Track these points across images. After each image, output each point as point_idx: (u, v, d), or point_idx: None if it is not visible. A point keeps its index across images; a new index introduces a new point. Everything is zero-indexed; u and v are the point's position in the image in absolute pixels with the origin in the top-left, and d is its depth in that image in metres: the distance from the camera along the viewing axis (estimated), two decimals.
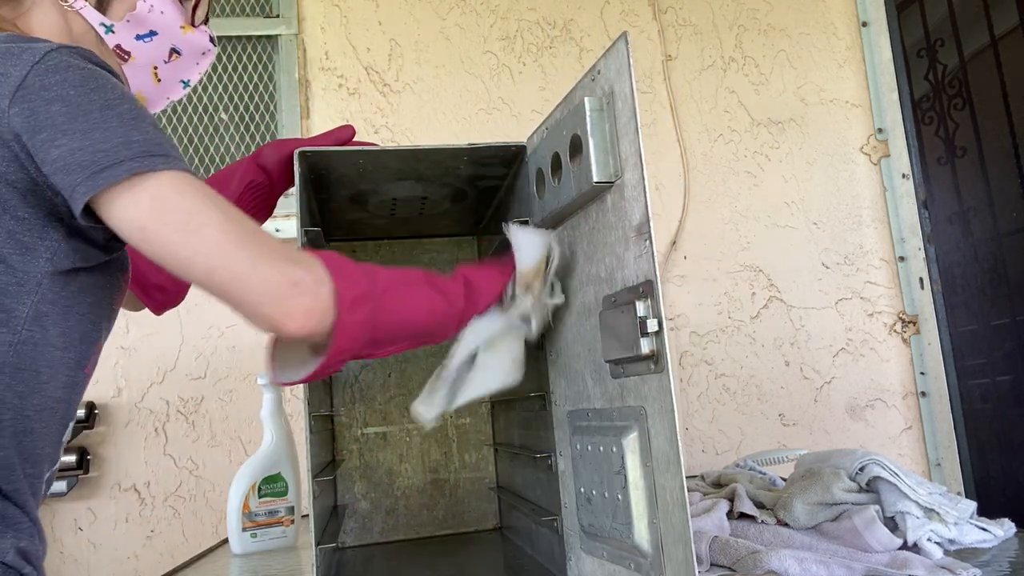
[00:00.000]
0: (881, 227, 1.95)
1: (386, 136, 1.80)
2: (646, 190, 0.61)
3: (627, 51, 0.63)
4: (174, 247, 0.55)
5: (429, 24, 1.86)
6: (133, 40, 0.73)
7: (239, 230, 0.56)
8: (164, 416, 1.62)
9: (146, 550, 1.58)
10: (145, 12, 0.72)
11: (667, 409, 0.59)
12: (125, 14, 0.72)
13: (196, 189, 0.57)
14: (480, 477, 1.20)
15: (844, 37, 2.02)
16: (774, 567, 0.73)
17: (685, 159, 1.90)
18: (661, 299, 0.60)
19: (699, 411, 1.82)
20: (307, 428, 0.77)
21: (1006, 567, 0.76)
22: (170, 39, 0.76)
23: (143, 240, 0.56)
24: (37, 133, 0.55)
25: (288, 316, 0.56)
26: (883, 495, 0.87)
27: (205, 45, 0.79)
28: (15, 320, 0.59)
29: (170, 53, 0.76)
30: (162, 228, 0.55)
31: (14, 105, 0.55)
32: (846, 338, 1.89)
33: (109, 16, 0.71)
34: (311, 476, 0.77)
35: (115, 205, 0.55)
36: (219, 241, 0.55)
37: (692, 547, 0.56)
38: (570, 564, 0.81)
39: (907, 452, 1.86)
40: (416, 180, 0.95)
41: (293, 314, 0.56)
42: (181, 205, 0.56)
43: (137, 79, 0.76)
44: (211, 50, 0.80)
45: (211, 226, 0.55)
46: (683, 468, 0.57)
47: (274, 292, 0.55)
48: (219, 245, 0.55)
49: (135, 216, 0.55)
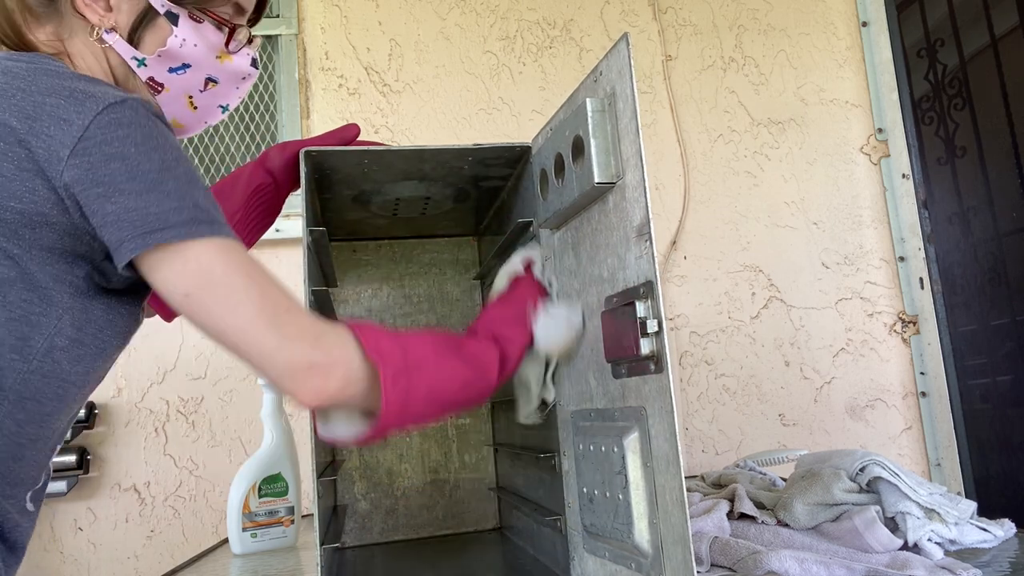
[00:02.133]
0: (881, 227, 1.95)
1: (386, 136, 1.80)
2: (647, 191, 0.61)
3: (628, 52, 0.63)
4: (212, 318, 0.59)
5: (429, 24, 1.86)
6: (166, 73, 0.72)
7: (272, 308, 0.60)
8: (164, 416, 1.62)
9: (146, 550, 1.58)
10: (177, 47, 0.71)
11: (667, 410, 0.59)
12: (156, 48, 0.70)
13: (238, 261, 0.60)
14: (480, 477, 1.20)
15: (844, 37, 2.02)
16: (774, 567, 0.73)
17: (685, 159, 1.90)
18: (661, 300, 0.60)
19: (699, 411, 1.82)
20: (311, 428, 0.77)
21: (1006, 567, 0.76)
22: (205, 70, 0.74)
23: (183, 304, 0.59)
24: (93, 187, 0.57)
25: (302, 393, 0.61)
26: (883, 495, 0.87)
27: (245, 70, 0.77)
28: (29, 349, 0.59)
29: (206, 82, 0.75)
30: (205, 299, 0.59)
31: (73, 157, 0.56)
32: (846, 338, 1.89)
33: (141, 50, 0.70)
34: (315, 476, 0.77)
35: (161, 267, 0.58)
36: (253, 322, 0.59)
37: (691, 548, 0.56)
38: (573, 564, 0.81)
39: (907, 452, 1.86)
40: (420, 180, 0.95)
41: (306, 392, 0.61)
42: (223, 280, 0.59)
43: (171, 108, 0.75)
44: (252, 74, 0.78)
45: (248, 304, 0.59)
46: (683, 469, 0.57)
47: (291, 373, 0.60)
48: (252, 325, 0.59)
49: (180, 282, 0.58)
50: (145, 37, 0.70)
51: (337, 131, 0.86)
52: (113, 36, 0.69)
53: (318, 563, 0.74)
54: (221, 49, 0.74)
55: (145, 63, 0.70)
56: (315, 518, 0.76)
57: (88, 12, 0.68)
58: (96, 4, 0.68)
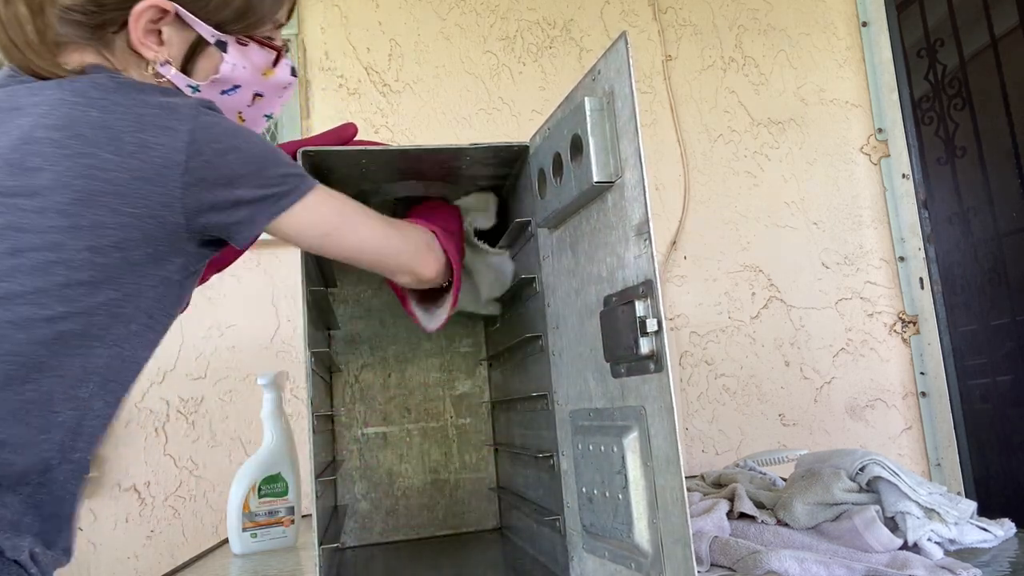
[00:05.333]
0: (881, 227, 1.95)
1: (386, 136, 1.80)
2: (646, 190, 0.61)
3: (627, 51, 0.63)
4: (353, 243, 0.74)
5: (429, 24, 1.86)
6: (218, 95, 0.75)
7: (382, 220, 0.77)
8: (164, 416, 1.62)
9: (146, 550, 1.58)
10: (228, 72, 0.74)
11: (667, 409, 0.59)
12: (209, 76, 0.73)
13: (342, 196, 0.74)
14: (480, 477, 1.20)
15: (844, 37, 2.02)
16: (774, 567, 0.73)
17: (685, 159, 1.90)
18: (661, 299, 0.60)
19: (699, 411, 1.82)
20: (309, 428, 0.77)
21: (1006, 567, 0.76)
22: (253, 87, 0.77)
23: (323, 242, 0.72)
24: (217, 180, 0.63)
25: (427, 266, 0.80)
26: (883, 495, 0.87)
27: (286, 80, 0.80)
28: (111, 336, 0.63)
29: (253, 98, 0.78)
30: (344, 231, 0.72)
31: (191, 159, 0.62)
32: (846, 338, 1.89)
33: (194, 77, 0.72)
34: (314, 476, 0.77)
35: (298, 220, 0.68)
36: (385, 233, 0.76)
37: (692, 547, 0.56)
38: (572, 564, 0.81)
39: (907, 452, 1.86)
40: (418, 180, 0.95)
41: (431, 263, 0.81)
42: (350, 213, 0.73)
43: None
44: (292, 82, 0.81)
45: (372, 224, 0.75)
46: (683, 468, 0.57)
47: (419, 253, 0.79)
48: (385, 235, 0.76)
49: (319, 225, 0.70)
50: (198, 65, 0.73)
51: (335, 130, 0.86)
52: (169, 69, 0.71)
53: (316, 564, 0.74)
54: (267, 67, 0.77)
55: (199, 89, 0.73)
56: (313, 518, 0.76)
57: (143, 50, 0.69)
58: (149, 40, 0.69)
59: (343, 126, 0.87)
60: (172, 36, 0.70)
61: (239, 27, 0.73)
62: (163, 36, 0.70)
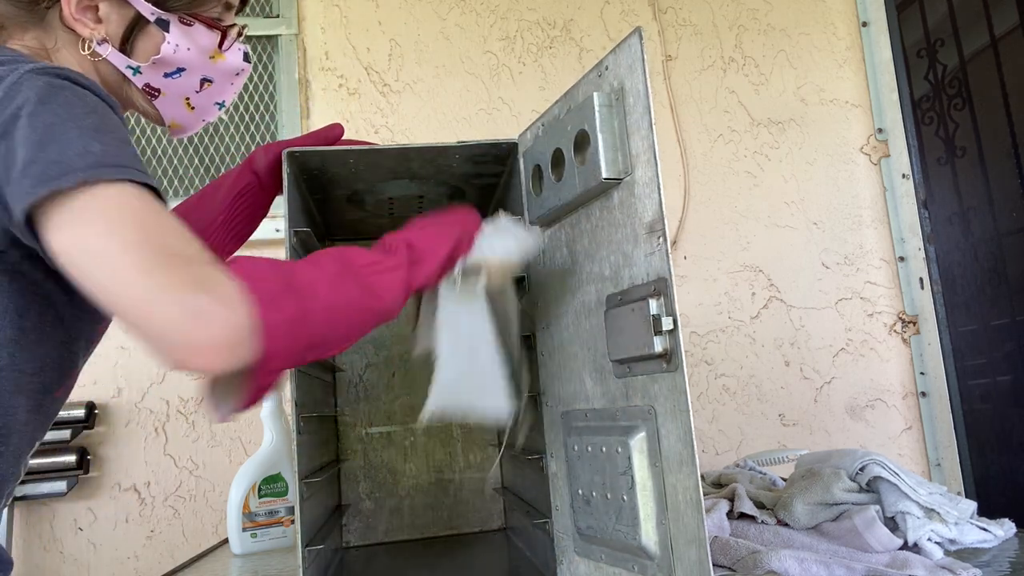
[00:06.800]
0: (881, 227, 1.95)
1: (386, 136, 1.80)
2: (660, 187, 0.60)
3: (641, 47, 0.62)
4: (98, 273, 0.49)
5: (429, 24, 1.86)
6: (161, 78, 0.72)
7: (152, 254, 0.48)
8: (164, 416, 1.62)
9: (146, 550, 1.58)
10: (170, 53, 0.70)
11: (681, 409, 0.58)
12: (150, 56, 0.70)
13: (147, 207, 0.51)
14: (484, 477, 1.20)
15: (844, 37, 2.02)
16: (774, 567, 0.73)
17: (685, 159, 1.90)
18: (675, 297, 0.59)
19: (699, 411, 1.82)
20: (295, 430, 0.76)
21: (1006, 567, 0.76)
22: (200, 71, 0.73)
23: (67, 260, 0.50)
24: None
25: (194, 351, 0.47)
26: (883, 495, 0.87)
27: (238, 66, 0.77)
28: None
29: (201, 83, 0.75)
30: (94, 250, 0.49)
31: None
32: (846, 338, 1.89)
33: (134, 58, 0.70)
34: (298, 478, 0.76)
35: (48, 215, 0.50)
36: (139, 269, 0.47)
37: (707, 548, 0.55)
38: (561, 568, 0.80)
39: (907, 452, 1.86)
40: (410, 179, 0.95)
41: (200, 348, 0.47)
42: (121, 225, 0.49)
43: (169, 110, 0.75)
44: (245, 69, 0.78)
45: (145, 251, 0.48)
46: (698, 468, 0.56)
47: (173, 327, 0.47)
48: (140, 273, 0.47)
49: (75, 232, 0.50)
50: (137, 45, 0.69)
51: (320, 131, 0.85)
52: (106, 48, 0.68)
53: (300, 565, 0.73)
54: (214, 50, 0.73)
55: (140, 71, 0.70)
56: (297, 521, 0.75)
57: (78, 27, 0.67)
58: (85, 17, 0.67)
59: (329, 127, 0.85)
60: (110, 13, 0.67)
61: (181, 4, 0.70)
62: (100, 13, 0.67)
